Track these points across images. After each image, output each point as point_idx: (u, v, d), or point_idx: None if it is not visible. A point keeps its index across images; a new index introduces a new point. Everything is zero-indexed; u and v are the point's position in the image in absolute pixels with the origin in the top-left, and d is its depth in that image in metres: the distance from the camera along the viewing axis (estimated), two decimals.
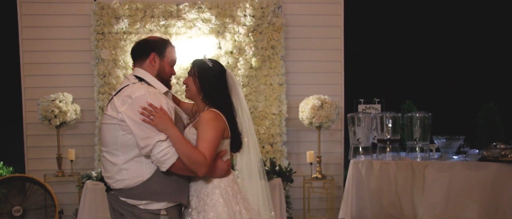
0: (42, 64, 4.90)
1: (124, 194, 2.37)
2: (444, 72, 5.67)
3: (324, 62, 5.14)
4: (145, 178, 2.34)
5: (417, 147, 4.55)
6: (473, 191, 4.27)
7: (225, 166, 2.47)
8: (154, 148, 2.26)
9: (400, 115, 4.64)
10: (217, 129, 2.38)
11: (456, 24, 5.61)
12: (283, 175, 4.53)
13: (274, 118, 4.93)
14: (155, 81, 2.43)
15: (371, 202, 4.43)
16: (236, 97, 2.53)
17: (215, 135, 2.37)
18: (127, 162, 2.34)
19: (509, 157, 4.24)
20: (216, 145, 2.37)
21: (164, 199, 2.35)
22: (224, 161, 2.48)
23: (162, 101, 2.31)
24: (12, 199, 4.49)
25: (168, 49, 2.51)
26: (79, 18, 4.89)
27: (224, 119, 2.45)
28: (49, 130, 4.80)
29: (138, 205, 2.34)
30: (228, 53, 4.87)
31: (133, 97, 2.30)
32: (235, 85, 2.54)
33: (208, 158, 2.32)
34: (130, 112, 2.28)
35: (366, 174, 4.43)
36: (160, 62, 2.46)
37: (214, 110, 2.46)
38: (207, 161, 2.32)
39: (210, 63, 2.52)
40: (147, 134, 2.26)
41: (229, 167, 2.52)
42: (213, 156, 2.37)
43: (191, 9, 4.82)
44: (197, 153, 2.30)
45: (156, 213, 2.34)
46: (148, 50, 2.47)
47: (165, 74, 2.50)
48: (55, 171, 4.73)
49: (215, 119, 2.40)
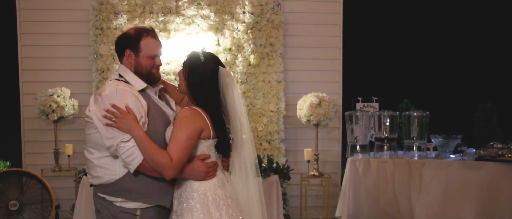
0: (40, 59, 4.90)
1: (100, 190, 2.35)
2: (442, 71, 5.68)
3: (322, 60, 5.14)
4: (118, 176, 2.30)
5: (415, 145, 4.55)
6: (470, 190, 4.28)
7: (203, 168, 2.28)
8: (118, 149, 2.23)
9: (398, 114, 4.64)
10: (190, 129, 2.22)
11: (456, 24, 5.62)
12: (280, 172, 4.53)
13: (272, 115, 4.93)
14: (133, 78, 2.36)
15: (368, 200, 4.43)
16: (227, 96, 2.33)
17: (186, 135, 2.20)
18: (100, 158, 2.32)
19: (506, 157, 4.25)
20: (186, 146, 2.21)
21: (139, 199, 2.30)
22: (203, 164, 2.30)
23: (129, 101, 2.24)
24: (9, 193, 4.49)
25: (143, 42, 2.35)
26: (78, 13, 4.88)
27: (205, 118, 2.28)
28: (46, 125, 4.80)
29: (114, 202, 2.32)
30: (227, 50, 4.87)
31: (103, 96, 2.28)
32: (228, 83, 2.33)
33: (174, 160, 2.17)
34: (98, 111, 2.26)
35: (363, 172, 4.43)
36: (136, 58, 2.36)
37: (195, 107, 2.30)
38: (173, 164, 2.17)
39: (203, 58, 2.33)
40: (111, 134, 2.23)
41: (210, 169, 2.32)
42: (182, 157, 2.20)
43: (190, 6, 4.81)
44: (161, 154, 2.18)
45: (132, 212, 2.31)
46: (122, 47, 2.40)
47: (143, 69, 2.36)
48: (52, 165, 4.72)
49: (190, 118, 2.24)
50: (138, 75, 2.37)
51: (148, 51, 2.36)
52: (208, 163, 2.31)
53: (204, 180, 2.30)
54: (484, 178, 4.27)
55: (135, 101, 2.26)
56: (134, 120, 2.21)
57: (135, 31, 2.40)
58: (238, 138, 2.36)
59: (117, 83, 2.30)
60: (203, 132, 2.27)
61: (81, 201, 4.19)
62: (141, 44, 2.36)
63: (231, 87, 2.33)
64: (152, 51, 2.38)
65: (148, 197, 2.31)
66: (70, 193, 4.78)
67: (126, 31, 2.45)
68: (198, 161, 2.29)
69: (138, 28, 2.43)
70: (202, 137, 2.28)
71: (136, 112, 2.24)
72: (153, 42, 2.38)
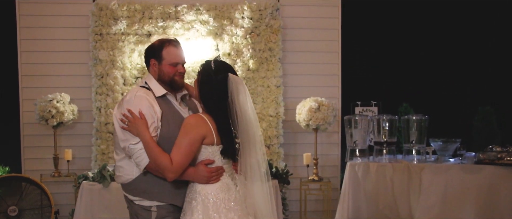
0: (40, 65, 4.91)
1: (124, 188, 2.56)
2: (441, 75, 5.69)
3: (321, 65, 5.15)
4: (134, 176, 2.49)
5: (414, 149, 4.55)
6: (469, 194, 4.27)
7: (205, 173, 2.38)
8: (129, 150, 2.43)
9: (397, 118, 4.65)
10: (191, 136, 2.33)
11: (454, 28, 5.63)
12: (279, 177, 4.53)
13: (271, 120, 4.93)
14: (155, 85, 2.55)
15: (367, 204, 4.43)
16: (235, 102, 2.39)
17: (187, 141, 2.32)
18: (121, 160, 2.53)
19: (505, 160, 4.25)
20: (187, 151, 2.33)
21: (153, 198, 2.49)
22: (206, 168, 2.39)
23: (143, 107, 2.41)
24: (8, 199, 4.48)
25: (165, 50, 2.54)
26: (78, 19, 4.90)
27: (209, 125, 2.37)
28: (46, 130, 4.80)
29: (134, 200, 2.52)
30: (226, 55, 4.88)
31: (123, 101, 2.48)
32: (237, 90, 2.41)
33: (174, 164, 2.31)
34: (118, 114, 2.47)
35: (363, 176, 4.43)
36: (159, 66, 2.55)
37: (201, 114, 2.42)
38: (173, 167, 2.31)
39: (214, 66, 2.45)
40: (125, 136, 2.44)
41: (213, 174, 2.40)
42: (182, 162, 2.32)
43: (189, 11, 4.83)
44: (163, 158, 2.32)
45: (148, 209, 2.50)
46: (148, 58, 2.62)
47: (166, 76, 2.54)
48: (51, 171, 4.72)
49: (192, 124, 2.35)
50: (162, 82, 2.55)
51: (170, 59, 2.54)
52: (210, 168, 2.40)
53: (207, 183, 2.40)
54: (484, 182, 4.26)
55: (149, 108, 2.43)
56: (144, 124, 2.38)
57: (158, 42, 2.61)
58: (246, 143, 2.40)
59: (138, 89, 2.51)
60: (206, 139, 2.37)
61: (81, 207, 4.19)
62: (163, 53, 2.55)
63: (239, 94, 2.40)
64: (173, 59, 2.55)
65: (160, 196, 2.49)
66: (70, 198, 4.78)
67: (150, 44, 2.66)
68: (202, 165, 2.40)
69: (162, 39, 2.63)
70: (205, 143, 2.38)
71: (148, 117, 2.41)
72: (174, 51, 2.56)
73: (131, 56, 4.81)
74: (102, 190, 4.18)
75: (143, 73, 4.83)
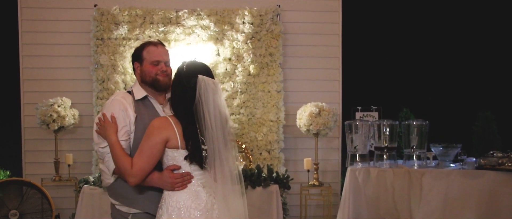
0: (41, 69, 4.93)
1: (107, 192, 2.56)
2: (442, 80, 5.69)
3: (322, 70, 5.16)
4: (111, 180, 2.46)
5: (414, 154, 4.55)
6: (470, 199, 4.26)
7: (169, 179, 2.26)
8: (100, 154, 2.45)
9: (397, 123, 4.65)
10: (153, 138, 2.22)
11: (454, 33, 5.64)
12: (280, 182, 4.53)
13: (271, 125, 4.94)
14: (136, 88, 2.54)
15: (368, 209, 4.42)
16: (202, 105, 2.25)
17: (148, 144, 2.23)
18: (100, 164, 2.52)
19: (506, 166, 4.24)
20: (148, 154, 2.22)
21: (128, 204, 2.43)
22: (169, 174, 2.27)
23: (115, 110, 2.39)
24: (9, 203, 4.49)
25: (145, 50, 2.49)
26: (79, 24, 4.93)
27: (173, 128, 2.25)
28: (47, 134, 4.81)
29: (115, 204, 2.50)
30: (227, 60, 4.90)
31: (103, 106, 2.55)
32: (205, 92, 2.26)
33: (134, 168, 2.22)
34: (96, 119, 2.50)
35: (363, 182, 4.43)
36: (141, 67, 2.51)
37: (167, 116, 2.31)
38: (133, 171, 2.23)
39: (185, 67, 2.33)
40: (97, 139, 2.46)
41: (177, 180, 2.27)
42: (143, 165, 2.23)
43: (190, 16, 4.85)
44: (123, 161, 2.26)
45: (125, 216, 2.45)
46: (132, 62, 2.60)
47: (147, 76, 2.48)
48: (52, 175, 4.73)
49: (155, 127, 2.25)
50: (145, 84, 2.50)
51: (150, 58, 2.48)
52: (174, 174, 2.28)
53: (173, 190, 2.28)
54: (484, 187, 4.25)
55: (121, 111, 2.40)
56: (112, 128, 2.35)
57: (140, 45, 2.57)
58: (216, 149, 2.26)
59: (117, 94, 2.53)
60: (169, 142, 2.25)
61: (81, 211, 4.20)
62: (144, 53, 2.50)
63: (208, 96, 2.26)
64: (153, 57, 2.49)
65: (135, 203, 2.42)
66: (70, 202, 4.78)
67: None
68: (167, 171, 2.29)
69: (143, 41, 2.61)
70: (169, 147, 2.26)
71: (120, 121, 2.38)
72: (154, 50, 2.50)
73: None
74: (103, 195, 4.19)
75: None
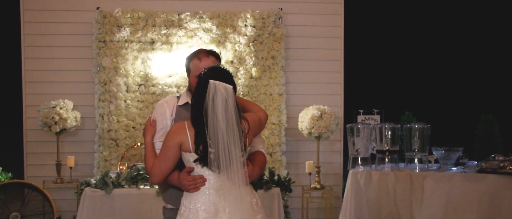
0: (43, 71, 4.94)
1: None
2: (444, 84, 5.68)
3: (324, 73, 5.17)
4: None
5: (416, 158, 4.54)
6: (471, 203, 4.26)
7: (183, 180, 2.36)
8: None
9: (399, 126, 4.64)
10: (168, 142, 2.34)
11: (457, 37, 5.64)
12: (282, 185, 4.52)
13: (273, 128, 4.94)
14: (183, 94, 2.66)
15: (369, 212, 4.41)
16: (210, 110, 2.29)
17: (165, 147, 2.35)
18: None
19: (507, 169, 4.23)
20: (165, 157, 2.35)
21: (164, 199, 2.63)
22: (184, 176, 2.36)
23: (157, 113, 2.56)
24: (10, 205, 4.49)
25: (191, 64, 2.59)
26: (81, 26, 4.93)
27: (187, 132, 2.32)
28: (49, 137, 4.81)
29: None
30: (229, 63, 4.90)
31: None
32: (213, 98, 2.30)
33: (153, 167, 2.37)
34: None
35: (365, 185, 4.42)
36: (189, 77, 2.62)
37: (184, 121, 2.39)
38: (152, 170, 2.37)
39: (203, 72, 2.39)
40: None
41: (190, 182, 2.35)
42: (160, 166, 2.36)
43: (192, 19, 4.86)
44: (148, 161, 2.42)
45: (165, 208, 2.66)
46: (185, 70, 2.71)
47: (193, 87, 2.54)
48: (54, 177, 4.73)
49: (172, 131, 2.36)
50: (190, 92, 2.60)
51: (194, 72, 2.58)
52: (188, 176, 2.36)
53: (188, 191, 2.38)
54: (486, 191, 4.25)
55: (160, 115, 2.56)
56: (150, 130, 2.51)
57: (190, 54, 2.67)
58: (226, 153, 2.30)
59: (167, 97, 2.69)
60: (183, 145, 2.34)
61: (83, 213, 4.19)
62: (190, 65, 2.62)
63: (214, 101, 2.30)
64: (196, 71, 2.56)
65: (167, 198, 2.60)
66: (72, 205, 4.78)
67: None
68: (183, 173, 2.38)
69: (193, 52, 2.67)
70: (183, 150, 2.35)
71: (158, 123, 2.54)
72: (197, 63, 2.57)
73: (134, 63, 4.83)
74: (104, 197, 4.19)
75: (146, 81, 4.85)
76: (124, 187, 4.27)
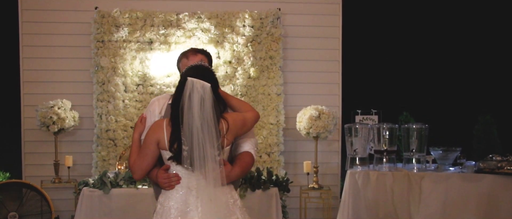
0: (41, 71, 4.93)
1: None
2: (442, 84, 5.69)
3: (322, 73, 5.17)
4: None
5: (414, 158, 4.55)
6: (469, 203, 4.27)
7: (160, 178, 2.36)
8: None
9: (397, 126, 4.65)
10: (147, 139, 2.36)
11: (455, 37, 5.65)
12: (280, 185, 4.53)
13: (271, 128, 4.94)
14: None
15: (367, 212, 4.42)
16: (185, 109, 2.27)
17: (144, 144, 2.37)
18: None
19: (505, 169, 4.24)
20: (143, 153, 2.36)
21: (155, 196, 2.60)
22: (161, 173, 2.36)
23: (148, 110, 2.61)
24: (8, 205, 4.49)
25: (181, 62, 2.65)
26: (80, 26, 4.93)
27: (163, 129, 2.33)
28: (47, 136, 4.81)
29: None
30: (227, 63, 4.91)
31: None
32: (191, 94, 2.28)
33: (134, 164, 2.39)
34: None
35: (363, 185, 4.43)
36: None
37: (163, 119, 2.41)
38: (132, 167, 2.40)
39: (184, 71, 2.41)
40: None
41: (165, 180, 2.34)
42: (139, 163, 2.37)
43: (190, 19, 4.86)
44: (130, 157, 2.44)
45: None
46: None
47: None
48: (52, 177, 4.73)
49: (150, 128, 2.38)
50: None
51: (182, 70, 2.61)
52: (164, 174, 2.37)
53: (165, 189, 2.38)
54: (484, 191, 4.26)
55: (150, 112, 2.60)
56: (138, 128, 2.53)
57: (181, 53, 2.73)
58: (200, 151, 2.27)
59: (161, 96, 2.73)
60: (160, 143, 2.34)
61: (81, 213, 4.19)
62: (180, 65, 2.69)
63: (191, 98, 2.28)
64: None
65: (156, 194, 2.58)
66: (70, 204, 4.78)
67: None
68: (160, 170, 2.39)
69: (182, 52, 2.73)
70: (160, 147, 2.36)
71: (148, 121, 2.56)
72: (185, 62, 2.63)
73: (132, 63, 4.83)
74: (103, 197, 4.19)
75: (144, 81, 4.86)
76: (122, 187, 4.27)
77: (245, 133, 2.56)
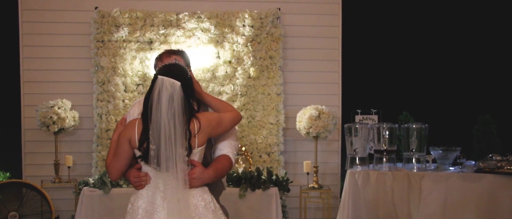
0: (41, 71, 4.94)
1: None
2: (441, 84, 5.69)
3: (322, 73, 5.18)
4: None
5: (414, 158, 4.55)
6: (469, 203, 4.27)
7: (132, 177, 2.35)
8: None
9: (397, 126, 4.66)
10: (120, 138, 2.35)
11: (455, 37, 5.64)
12: (279, 185, 4.54)
13: (271, 128, 4.95)
14: None
15: (367, 212, 4.42)
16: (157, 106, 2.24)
17: (118, 143, 2.35)
18: None
19: (505, 169, 4.25)
20: (116, 152, 2.35)
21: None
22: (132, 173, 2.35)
23: (129, 112, 2.59)
24: (8, 205, 4.49)
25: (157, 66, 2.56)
26: (79, 26, 4.93)
27: (135, 128, 2.30)
28: (47, 136, 4.82)
29: None
30: (227, 63, 4.91)
31: None
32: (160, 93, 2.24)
33: (109, 164, 2.38)
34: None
35: (363, 185, 4.43)
36: None
37: (136, 118, 2.37)
38: (108, 167, 2.38)
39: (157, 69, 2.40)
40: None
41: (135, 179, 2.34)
42: (114, 162, 2.36)
43: (190, 19, 4.86)
44: (107, 157, 2.41)
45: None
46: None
47: None
48: (52, 177, 4.73)
49: (125, 127, 2.37)
50: None
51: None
52: (134, 173, 2.35)
53: (136, 188, 2.37)
54: (484, 190, 4.26)
55: (131, 113, 2.56)
56: (119, 127, 2.48)
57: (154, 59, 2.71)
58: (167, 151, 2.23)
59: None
60: (131, 141, 2.32)
61: (81, 213, 4.20)
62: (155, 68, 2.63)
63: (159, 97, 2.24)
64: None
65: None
66: (70, 204, 4.78)
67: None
68: (132, 169, 2.37)
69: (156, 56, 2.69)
70: (132, 146, 2.33)
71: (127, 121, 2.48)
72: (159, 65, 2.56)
73: (132, 63, 4.84)
74: (103, 196, 4.20)
75: (144, 80, 4.86)
76: (122, 187, 4.28)
77: (222, 134, 2.49)
